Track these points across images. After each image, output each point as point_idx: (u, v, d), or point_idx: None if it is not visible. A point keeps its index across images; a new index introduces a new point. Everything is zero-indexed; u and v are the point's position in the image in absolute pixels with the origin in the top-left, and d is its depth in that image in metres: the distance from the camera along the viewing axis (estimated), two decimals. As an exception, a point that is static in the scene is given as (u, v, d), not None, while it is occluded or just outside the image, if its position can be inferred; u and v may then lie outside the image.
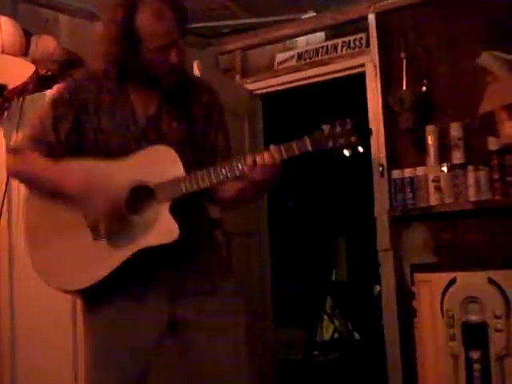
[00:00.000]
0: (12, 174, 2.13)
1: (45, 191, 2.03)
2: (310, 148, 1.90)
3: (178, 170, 1.95)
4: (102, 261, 1.95)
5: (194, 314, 2.02)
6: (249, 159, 1.92)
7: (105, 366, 2.04)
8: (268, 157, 1.91)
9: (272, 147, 1.93)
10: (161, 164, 1.97)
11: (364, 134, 1.94)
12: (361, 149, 1.91)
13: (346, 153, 1.91)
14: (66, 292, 2.06)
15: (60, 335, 3.02)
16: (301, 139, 1.91)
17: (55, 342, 3.05)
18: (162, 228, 1.93)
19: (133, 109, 2.06)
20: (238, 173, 1.93)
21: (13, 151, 2.09)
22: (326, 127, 1.92)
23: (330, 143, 1.91)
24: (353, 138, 1.90)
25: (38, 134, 2.05)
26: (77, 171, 1.96)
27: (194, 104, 2.11)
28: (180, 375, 2.10)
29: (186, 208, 1.98)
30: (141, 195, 1.96)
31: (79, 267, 1.98)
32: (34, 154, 2.02)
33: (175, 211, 1.94)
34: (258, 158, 1.91)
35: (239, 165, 1.93)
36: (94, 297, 2.03)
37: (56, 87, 2.13)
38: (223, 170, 1.93)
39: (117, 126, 2.03)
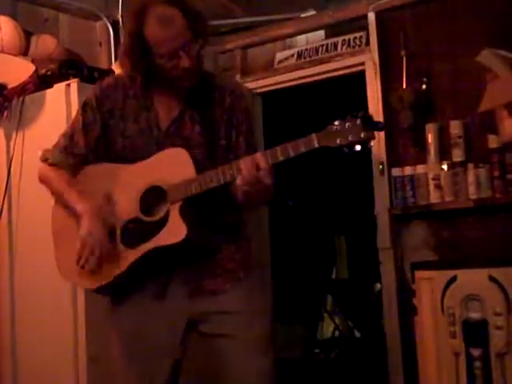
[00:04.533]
0: (41, 182, 2.25)
1: (63, 206, 2.17)
2: (316, 145, 1.88)
3: (190, 171, 1.99)
4: (117, 261, 2.03)
5: (214, 313, 2.07)
6: (257, 158, 1.91)
7: (129, 361, 2.11)
8: (273, 155, 1.90)
9: (279, 146, 1.91)
10: (174, 166, 2.01)
11: (374, 128, 1.88)
12: (372, 143, 1.87)
13: (358, 147, 1.87)
14: (89, 290, 2.17)
15: (61, 334, 3.03)
16: (308, 136, 1.89)
17: (56, 341, 3.05)
18: (170, 229, 1.98)
19: (156, 114, 2.12)
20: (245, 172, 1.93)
21: (43, 160, 2.22)
22: (336, 123, 1.88)
23: (339, 140, 1.87)
24: (362, 134, 1.85)
25: (67, 143, 2.17)
26: (84, 202, 2.09)
27: (217, 107, 2.12)
28: (207, 374, 2.19)
29: (206, 207, 2.03)
30: (155, 197, 2.02)
31: (97, 268, 2.05)
32: (58, 170, 2.17)
33: (192, 211, 1.99)
34: (268, 155, 1.91)
35: (245, 162, 1.92)
36: (117, 295, 2.13)
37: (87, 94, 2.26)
38: (230, 171, 1.94)
39: (141, 131, 2.11)
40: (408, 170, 3.72)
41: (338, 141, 1.87)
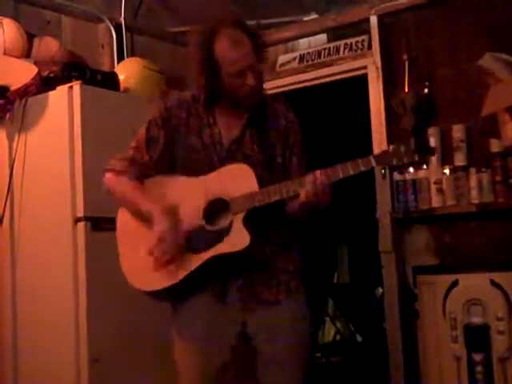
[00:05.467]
0: (109, 192, 2.33)
1: (132, 211, 2.26)
2: (374, 165, 2.10)
3: (253, 185, 2.14)
4: (182, 265, 2.14)
5: (265, 324, 2.19)
6: (319, 175, 2.09)
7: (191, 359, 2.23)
8: (334, 173, 2.09)
9: (339, 165, 2.10)
10: (238, 180, 2.16)
11: (427, 153, 2.18)
12: (424, 166, 2.12)
13: (410, 169, 2.12)
14: (147, 293, 2.23)
15: (63, 334, 3.03)
16: (367, 157, 2.09)
17: (58, 341, 3.05)
18: (234, 237, 2.11)
19: (219, 131, 2.26)
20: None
21: (111, 171, 2.30)
22: (391, 146, 2.13)
23: (395, 161, 2.12)
24: (416, 157, 2.10)
25: (133, 155, 2.30)
26: (155, 202, 2.19)
27: (273, 129, 2.29)
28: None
29: (263, 220, 2.16)
30: (218, 207, 2.15)
31: (160, 271, 2.15)
32: (126, 177, 2.27)
33: (252, 223, 2.11)
34: (330, 174, 2.09)
35: (309, 179, 2.09)
36: (177, 299, 2.24)
37: (151, 111, 2.38)
38: (293, 186, 2.11)
39: (204, 146, 2.25)
40: (410, 175, 3.71)
41: (394, 162, 2.13)
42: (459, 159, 3.60)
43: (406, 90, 3.76)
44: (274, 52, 4.37)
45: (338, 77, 4.16)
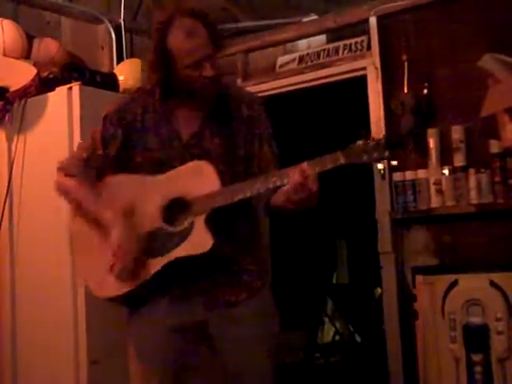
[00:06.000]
0: (59, 193, 2.25)
1: (85, 216, 2.17)
2: (342, 162, 1.96)
3: (215, 183, 2.03)
4: (138, 271, 2.04)
5: (227, 325, 2.11)
6: (283, 175, 1.98)
7: (142, 360, 2.17)
8: (300, 173, 1.94)
9: (304, 164, 1.96)
10: (198, 178, 2.06)
11: (397, 148, 2.06)
12: (395, 162, 2.01)
13: (380, 165, 2.01)
14: (106, 299, 2.15)
15: (62, 336, 3.03)
16: (334, 153, 1.97)
17: (57, 343, 3.05)
18: (195, 239, 2.01)
19: (176, 127, 2.16)
20: (271, 186, 1.99)
21: (61, 170, 2.20)
22: (360, 142, 2.00)
23: (365, 157, 1.98)
24: (386, 153, 1.99)
25: (86, 155, 2.19)
26: (108, 206, 2.09)
27: (235, 119, 2.18)
28: (209, 379, 2.22)
29: (227, 217, 2.05)
30: (178, 208, 2.05)
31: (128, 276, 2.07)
32: (78, 181, 2.15)
33: (214, 223, 2.01)
34: (292, 174, 1.95)
35: (273, 179, 1.99)
36: (136, 302, 2.14)
37: (107, 107, 2.29)
38: (257, 185, 2.00)
39: (162, 144, 2.14)
40: (409, 175, 3.71)
41: (364, 158, 1.98)
42: (458, 160, 3.60)
43: (406, 90, 3.76)
44: (273, 53, 4.38)
45: (337, 78, 4.15)
